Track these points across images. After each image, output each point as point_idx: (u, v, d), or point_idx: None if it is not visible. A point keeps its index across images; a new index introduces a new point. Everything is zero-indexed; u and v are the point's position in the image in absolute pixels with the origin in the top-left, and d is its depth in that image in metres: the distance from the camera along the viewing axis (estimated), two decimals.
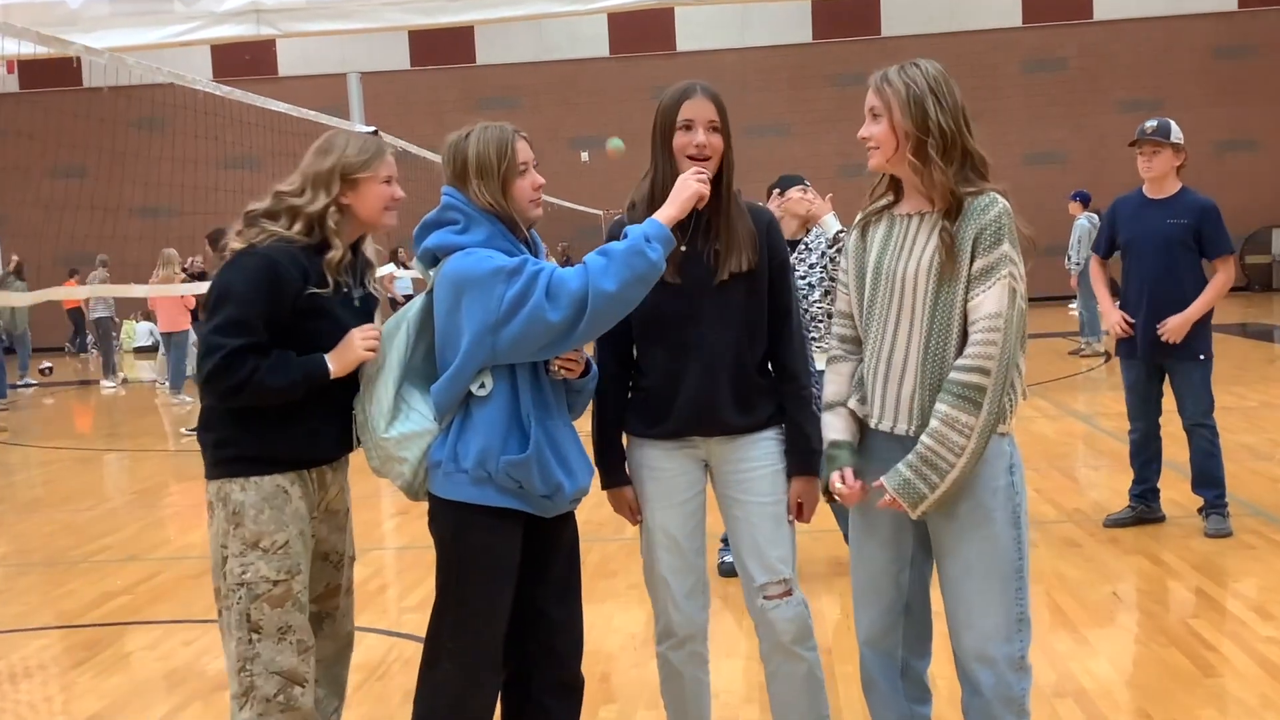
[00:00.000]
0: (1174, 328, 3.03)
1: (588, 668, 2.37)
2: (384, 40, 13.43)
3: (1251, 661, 2.26)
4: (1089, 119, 13.49)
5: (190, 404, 7.47)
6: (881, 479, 1.47)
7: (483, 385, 1.54)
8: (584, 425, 1.69)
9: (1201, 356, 3.09)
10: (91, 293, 5.51)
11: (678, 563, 1.68)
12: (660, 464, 1.67)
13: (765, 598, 1.66)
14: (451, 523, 1.56)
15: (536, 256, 1.60)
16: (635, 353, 1.69)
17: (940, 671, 1.70)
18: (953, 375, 1.45)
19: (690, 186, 1.53)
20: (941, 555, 1.53)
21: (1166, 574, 2.89)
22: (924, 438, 1.45)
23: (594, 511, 4.34)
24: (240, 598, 1.58)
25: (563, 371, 1.58)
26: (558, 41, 14.30)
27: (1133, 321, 3.10)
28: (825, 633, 2.51)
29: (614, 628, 2.65)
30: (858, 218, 1.60)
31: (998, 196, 1.47)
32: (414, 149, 5.71)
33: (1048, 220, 11.29)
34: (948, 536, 1.51)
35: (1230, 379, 5.36)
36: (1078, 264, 7.58)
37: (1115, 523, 3.26)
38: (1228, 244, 3.10)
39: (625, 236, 1.52)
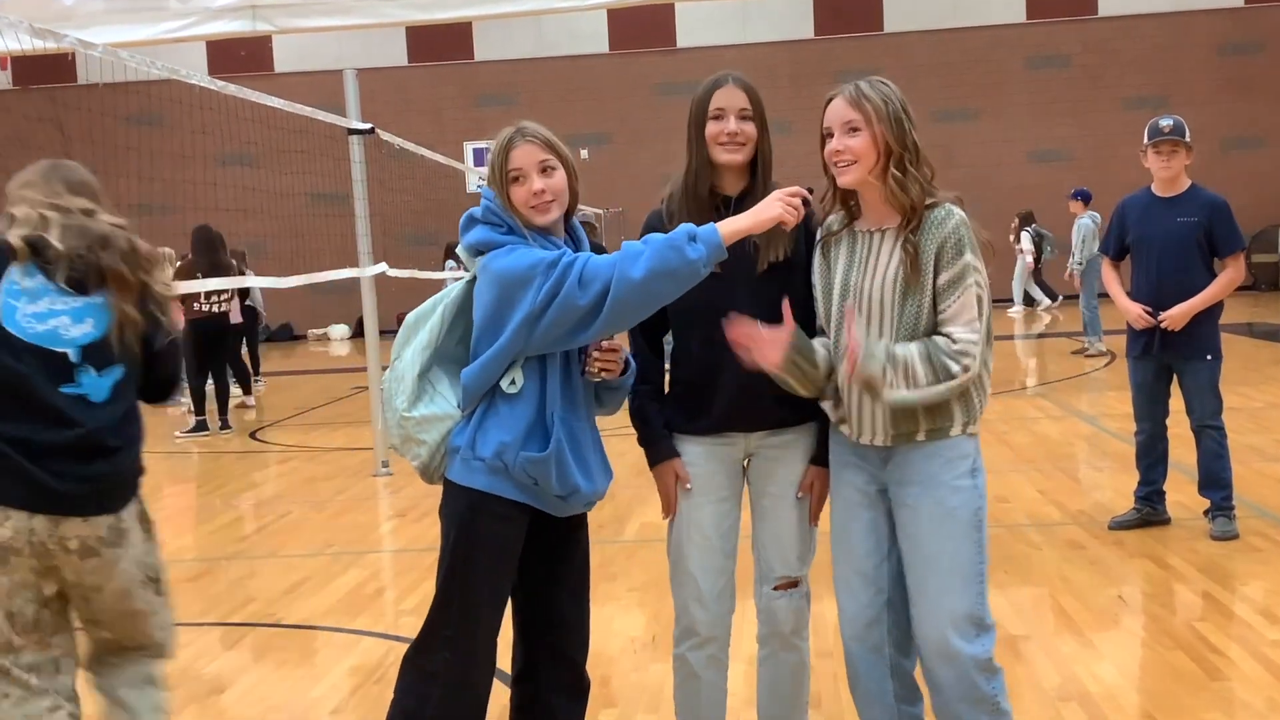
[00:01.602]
0: (1175, 315, 3.01)
1: (587, 671, 2.36)
2: (381, 36, 13.37)
3: (1258, 665, 2.25)
4: (1094, 116, 13.43)
5: (185, 405, 7.46)
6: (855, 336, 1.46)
7: (513, 382, 1.53)
8: (605, 423, 1.67)
9: (1210, 356, 3.07)
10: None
11: (709, 561, 1.67)
12: (697, 460, 1.67)
13: (774, 588, 1.67)
14: (464, 509, 1.55)
15: (579, 250, 1.59)
16: (671, 343, 1.68)
17: None
18: (937, 340, 1.48)
19: (774, 208, 1.49)
20: (906, 551, 1.55)
21: (1172, 577, 2.87)
22: (898, 349, 1.46)
23: (594, 513, 4.28)
24: None
25: (603, 373, 1.56)
26: (557, 38, 14.24)
27: (1153, 312, 3.07)
28: (826, 636, 2.49)
29: (614, 631, 2.62)
30: (818, 236, 1.62)
31: (953, 208, 1.51)
32: (411, 147, 5.68)
33: (1053, 218, 11.28)
34: (912, 533, 1.54)
35: (1237, 379, 5.32)
36: (1080, 264, 7.54)
37: (1120, 525, 3.24)
38: (1239, 241, 3.09)
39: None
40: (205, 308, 6.23)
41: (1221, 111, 13.12)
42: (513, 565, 1.56)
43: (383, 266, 4.91)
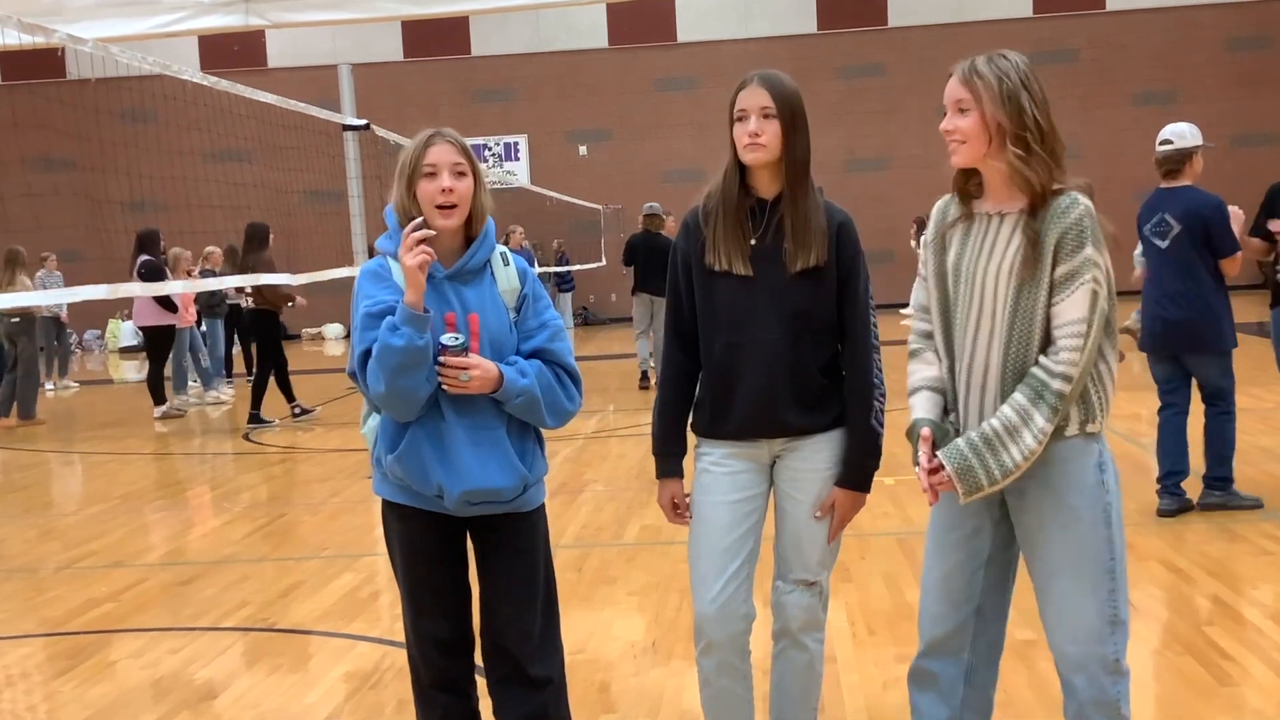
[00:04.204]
0: None
1: (586, 676, 2.32)
2: (376, 31, 13.28)
3: (1269, 670, 2.21)
4: (1101, 112, 13.33)
5: (190, 403, 7.40)
6: (939, 453, 1.44)
7: None
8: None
9: None
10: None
11: (719, 562, 1.64)
12: (720, 461, 1.66)
13: (787, 581, 1.66)
14: (382, 516, 1.67)
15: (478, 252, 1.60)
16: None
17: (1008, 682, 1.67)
18: (1037, 372, 1.43)
19: (405, 265, 1.51)
20: (1029, 556, 1.51)
21: (1182, 580, 2.83)
22: (993, 421, 1.42)
23: (593, 516, 4.23)
24: None
25: (445, 386, 1.55)
26: (555, 32, 14.16)
27: None
28: (829, 641, 2.44)
29: (613, 635, 2.59)
30: (935, 218, 1.55)
31: (1079, 196, 1.44)
32: (407, 143, 5.60)
33: None
34: (1034, 537, 1.50)
35: (1247, 379, 5.21)
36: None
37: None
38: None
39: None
40: (243, 302, 6.28)
41: (1230, 107, 13.03)
42: (428, 562, 1.62)
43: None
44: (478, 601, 1.66)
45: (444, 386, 1.53)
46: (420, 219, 1.52)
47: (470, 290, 1.58)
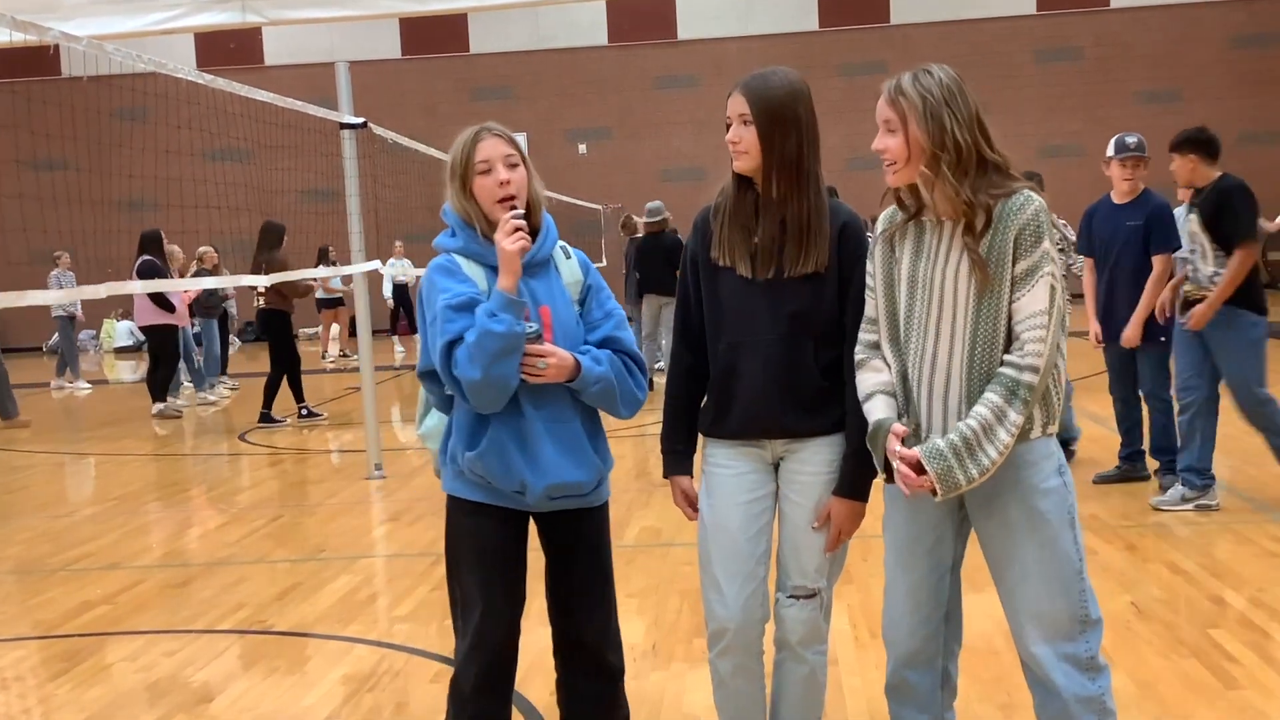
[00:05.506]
0: (1129, 337, 3.55)
1: None
2: (374, 28, 13.27)
3: (1275, 673, 2.20)
4: (1106, 110, 13.29)
5: (192, 402, 7.37)
6: (921, 456, 1.42)
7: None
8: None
9: (1162, 339, 3.57)
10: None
11: (734, 565, 1.63)
12: (726, 462, 1.65)
13: (788, 595, 1.65)
14: (448, 513, 1.65)
15: (546, 240, 1.62)
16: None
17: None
18: (1006, 370, 1.43)
19: (504, 250, 1.53)
20: (997, 562, 1.51)
21: (1186, 582, 2.81)
22: (970, 421, 1.42)
23: None
24: None
25: (530, 377, 1.56)
26: (554, 30, 14.13)
27: (1101, 334, 3.73)
28: (831, 644, 2.42)
29: None
30: (880, 228, 1.56)
31: (1031, 194, 1.44)
32: (405, 141, 5.59)
33: (1067, 216, 11.14)
34: (1003, 543, 1.49)
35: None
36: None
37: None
38: (1167, 242, 3.54)
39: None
40: (259, 302, 6.27)
41: (1235, 105, 13.02)
42: (497, 562, 1.61)
43: (375, 264, 4.83)
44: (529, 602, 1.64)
45: (523, 375, 1.53)
46: (519, 210, 1.53)
47: (538, 283, 1.60)
